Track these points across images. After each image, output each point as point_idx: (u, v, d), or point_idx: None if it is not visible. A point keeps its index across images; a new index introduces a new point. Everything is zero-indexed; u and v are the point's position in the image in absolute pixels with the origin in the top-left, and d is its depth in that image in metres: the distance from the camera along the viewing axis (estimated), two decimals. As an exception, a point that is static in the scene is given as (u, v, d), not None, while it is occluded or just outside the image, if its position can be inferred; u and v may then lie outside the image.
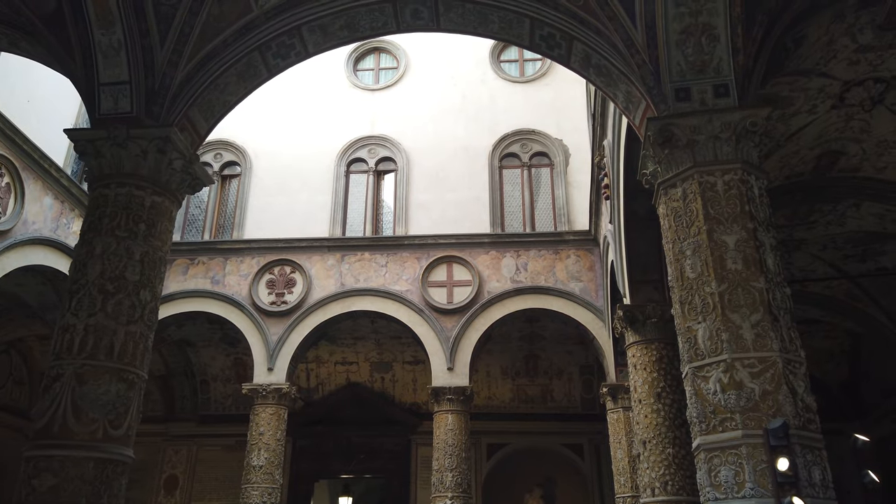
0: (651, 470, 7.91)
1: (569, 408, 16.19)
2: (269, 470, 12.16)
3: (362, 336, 15.31)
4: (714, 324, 4.60)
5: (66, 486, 4.44)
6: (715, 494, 4.27)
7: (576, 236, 13.56)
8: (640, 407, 8.37)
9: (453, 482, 11.85)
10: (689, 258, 4.92)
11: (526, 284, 13.35)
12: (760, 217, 4.94)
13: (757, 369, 4.37)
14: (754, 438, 4.17)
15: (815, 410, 4.38)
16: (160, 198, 5.62)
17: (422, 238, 13.83)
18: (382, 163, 15.02)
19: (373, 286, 13.55)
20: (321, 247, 13.95)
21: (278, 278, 13.75)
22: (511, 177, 14.75)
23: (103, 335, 4.92)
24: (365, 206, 14.69)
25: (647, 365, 8.45)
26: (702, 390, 4.53)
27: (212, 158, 15.19)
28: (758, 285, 4.63)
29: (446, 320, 13.25)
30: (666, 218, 5.28)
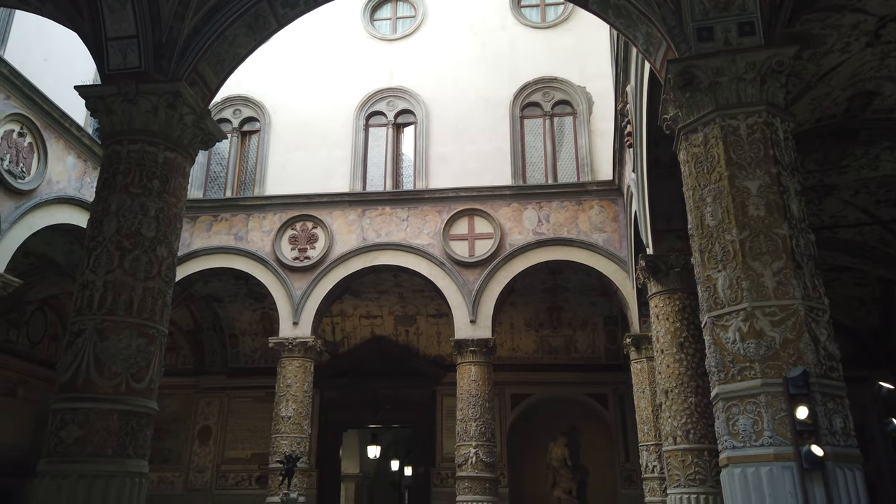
0: (673, 419, 7.91)
1: (593, 358, 16.23)
2: (298, 420, 12.46)
3: (385, 290, 15.40)
4: (734, 272, 4.49)
5: (91, 438, 4.59)
6: (732, 443, 4.23)
7: (599, 186, 13.32)
8: (662, 357, 8.33)
9: (477, 431, 12.03)
10: (709, 205, 4.77)
11: (548, 236, 13.22)
12: (785, 161, 4.74)
13: (778, 318, 4.26)
14: (774, 387, 4.10)
15: (838, 358, 4.28)
16: (173, 154, 5.59)
17: (442, 191, 13.73)
18: (401, 115, 14.82)
19: (394, 240, 13.55)
20: (342, 202, 13.94)
21: (300, 234, 13.82)
22: (533, 127, 14.47)
23: (122, 291, 4.99)
24: (385, 159, 14.58)
25: (669, 315, 8.36)
26: (721, 339, 4.44)
27: (231, 115, 15.15)
28: (781, 232, 4.48)
29: (468, 273, 13.24)
30: (686, 164, 5.11)
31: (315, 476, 15.77)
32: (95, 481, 4.50)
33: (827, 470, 3.83)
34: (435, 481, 15.77)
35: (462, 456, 12.01)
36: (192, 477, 15.97)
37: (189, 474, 15.99)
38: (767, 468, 3.98)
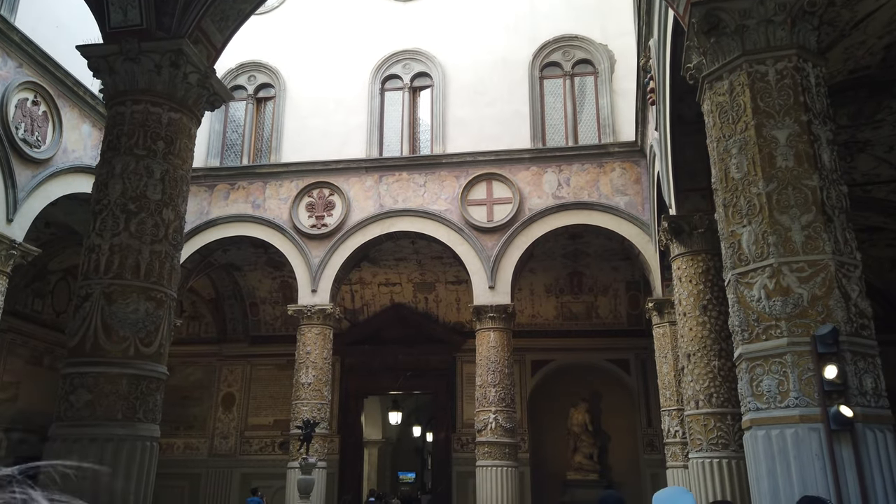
0: (695, 382, 7.72)
1: (615, 324, 16.03)
2: (318, 387, 12.51)
3: (404, 257, 15.30)
4: (760, 227, 4.25)
5: (101, 402, 4.56)
6: (756, 404, 4.05)
7: (621, 148, 12.97)
8: (684, 320, 8.11)
9: (496, 397, 11.97)
10: (734, 157, 4.51)
11: (568, 200, 12.95)
12: (816, 109, 4.45)
13: (806, 273, 4.03)
14: (801, 346, 3.89)
15: (870, 316, 4.05)
16: (177, 114, 5.46)
17: (460, 156, 13.49)
18: (418, 78, 14.52)
19: (411, 206, 13.38)
20: (358, 168, 13.78)
21: (317, 201, 13.71)
22: (552, 87, 14.08)
23: (128, 254, 4.92)
24: (401, 124, 14.33)
25: (692, 277, 8.12)
26: (745, 297, 4.23)
27: (245, 81, 14.98)
28: (810, 183, 4.21)
29: (487, 239, 13.05)
30: (710, 114, 4.84)
31: (337, 442, 15.94)
32: (106, 445, 4.48)
33: (856, 431, 3.64)
34: (455, 447, 15.85)
35: (482, 421, 11.99)
36: (217, 443, 16.23)
37: (214, 440, 16.26)
38: (793, 430, 3.79)
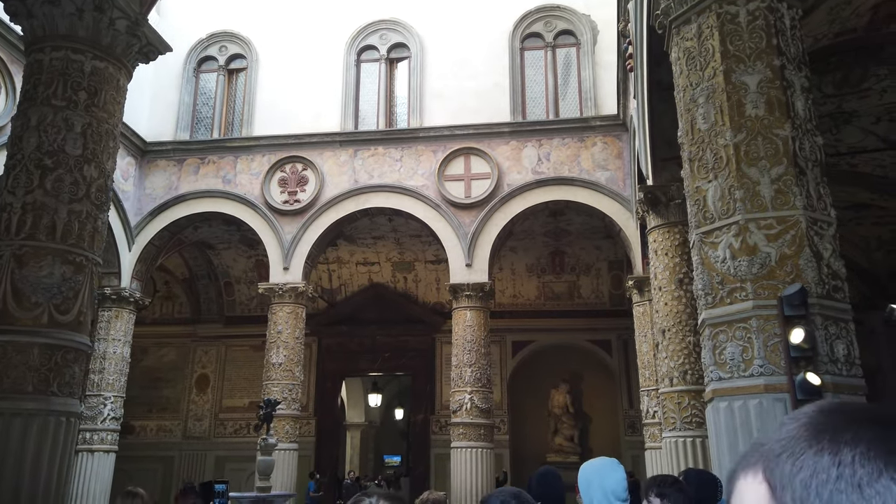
0: (670, 359, 7.40)
1: (597, 304, 15.72)
2: (289, 367, 12.15)
3: (381, 235, 14.90)
4: (727, 181, 3.87)
5: (8, 373, 4.16)
6: (719, 374, 3.69)
7: (603, 121, 12.56)
8: (660, 294, 7.77)
9: (472, 377, 11.65)
10: (701, 106, 4.13)
11: (548, 175, 12.55)
12: (791, 53, 4.07)
13: (775, 231, 3.66)
14: (767, 309, 3.54)
15: (844, 277, 3.70)
16: (103, 63, 5.01)
17: (437, 129, 13.05)
18: (395, 49, 14.03)
19: (387, 182, 12.96)
20: (333, 142, 13.33)
21: (290, 176, 13.27)
22: (533, 59, 13.63)
23: (43, 214, 4.50)
24: (377, 97, 13.86)
25: (668, 249, 7.77)
26: (709, 258, 3.86)
27: (216, 52, 14.46)
28: (782, 133, 3.84)
29: (464, 215, 12.66)
30: (678, 62, 4.45)
31: (314, 424, 15.62)
32: (13, 420, 4.10)
33: (826, 402, 3.28)
34: (434, 429, 15.56)
35: (457, 402, 11.67)
36: (191, 425, 15.88)
37: (188, 422, 15.90)
38: (756, 401, 3.45)
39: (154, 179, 13.62)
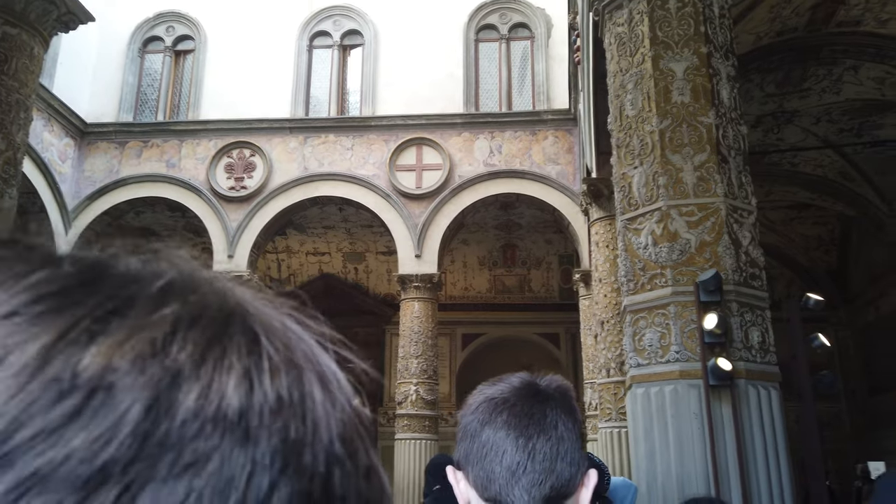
0: (607, 350, 7.44)
1: (547, 298, 15.81)
2: (232, 357, 11.86)
3: (332, 225, 14.67)
4: (651, 167, 3.86)
5: None
6: (638, 360, 3.67)
7: (554, 115, 12.59)
8: (600, 286, 7.81)
9: (418, 368, 11.56)
10: (629, 92, 4.10)
11: (500, 168, 12.53)
12: (718, 41, 4.06)
13: (696, 217, 3.66)
14: (684, 296, 3.53)
15: (762, 266, 3.71)
16: (15, 30, 4.73)
17: (390, 119, 12.89)
18: (348, 36, 13.81)
19: (338, 170, 12.75)
20: (282, 128, 13.04)
21: (237, 162, 12.94)
22: (488, 51, 13.58)
23: (-59, 186, 4.23)
24: (329, 84, 13.62)
25: (609, 241, 7.80)
26: (632, 245, 3.84)
27: (163, 32, 14.01)
28: (706, 120, 3.83)
29: (415, 206, 12.55)
30: (609, 48, 4.42)
31: (259, 415, 15.35)
32: None
33: (738, 388, 3.29)
34: (382, 421, 15.42)
35: (402, 393, 11.57)
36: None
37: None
38: (672, 387, 3.43)
39: (94, 162, 13.13)
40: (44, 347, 0.21)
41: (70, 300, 0.23)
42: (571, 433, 0.87)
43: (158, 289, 0.25)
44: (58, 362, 0.21)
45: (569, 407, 0.90)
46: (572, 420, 0.88)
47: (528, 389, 0.91)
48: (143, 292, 0.24)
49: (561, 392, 0.92)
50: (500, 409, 0.89)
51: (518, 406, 0.88)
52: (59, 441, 0.20)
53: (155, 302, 0.24)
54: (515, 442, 0.84)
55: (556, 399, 0.89)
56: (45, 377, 0.21)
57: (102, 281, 0.24)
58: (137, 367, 0.22)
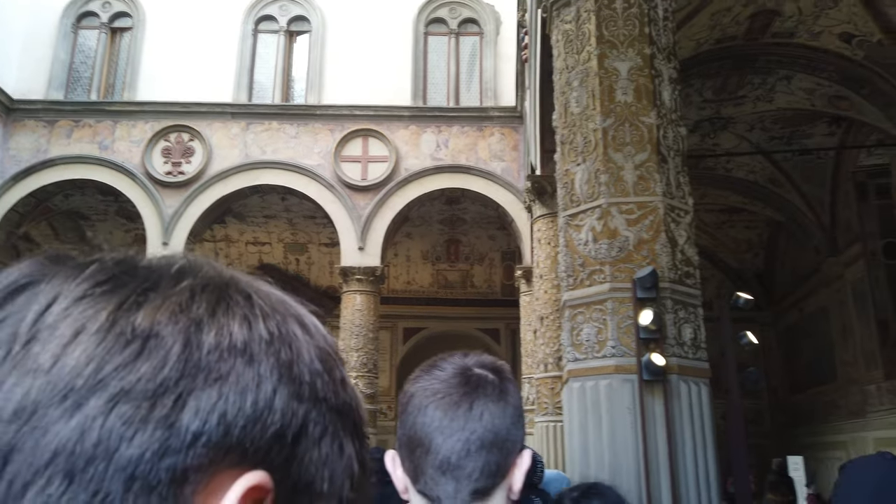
0: (546, 346, 7.53)
1: (489, 293, 15.93)
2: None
3: (273, 214, 14.36)
4: (594, 165, 3.90)
5: None
6: (575, 355, 3.72)
7: (501, 112, 12.67)
8: (540, 283, 7.90)
9: (358, 362, 11.45)
10: (575, 90, 4.14)
11: (446, 162, 12.52)
12: (662, 43, 4.14)
13: (635, 216, 3.72)
14: (622, 292, 3.59)
15: (696, 265, 3.81)
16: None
17: (336, 108, 12.70)
18: (295, 22, 13.52)
19: (281, 159, 12.48)
20: (224, 113, 12.67)
21: (175, 146, 12.50)
22: (437, 45, 13.53)
23: None
24: (275, 70, 13.31)
25: (551, 239, 7.90)
26: (573, 241, 3.88)
27: (99, 7, 13.39)
28: (648, 121, 3.90)
29: (359, 198, 12.41)
30: (557, 44, 4.45)
31: (192, 408, 14.92)
32: None
33: (670, 383, 3.37)
34: (320, 415, 15.24)
35: (341, 387, 11.44)
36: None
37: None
38: (607, 381, 3.49)
39: (20, 140, 12.45)
40: (109, 314, 0.32)
41: (118, 283, 0.34)
42: (502, 419, 0.85)
43: (175, 271, 0.36)
44: (121, 323, 0.32)
45: (501, 390, 0.87)
46: (503, 405, 0.86)
47: (459, 378, 0.88)
48: (166, 273, 0.35)
49: (496, 372, 0.89)
50: (428, 401, 0.86)
51: (447, 398, 0.85)
52: (132, 370, 0.31)
53: (175, 279, 0.35)
54: (442, 434, 0.82)
55: (489, 384, 0.87)
56: (114, 332, 0.32)
57: (136, 270, 0.35)
58: (173, 320, 0.33)
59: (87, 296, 0.33)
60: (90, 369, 0.30)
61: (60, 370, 0.30)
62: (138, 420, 0.30)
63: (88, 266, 0.35)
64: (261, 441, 0.32)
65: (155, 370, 0.31)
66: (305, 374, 0.35)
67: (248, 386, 0.33)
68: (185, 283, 0.35)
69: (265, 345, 0.34)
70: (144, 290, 0.34)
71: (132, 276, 0.34)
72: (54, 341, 0.31)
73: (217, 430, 0.31)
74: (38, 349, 0.31)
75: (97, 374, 0.30)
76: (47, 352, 0.31)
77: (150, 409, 0.30)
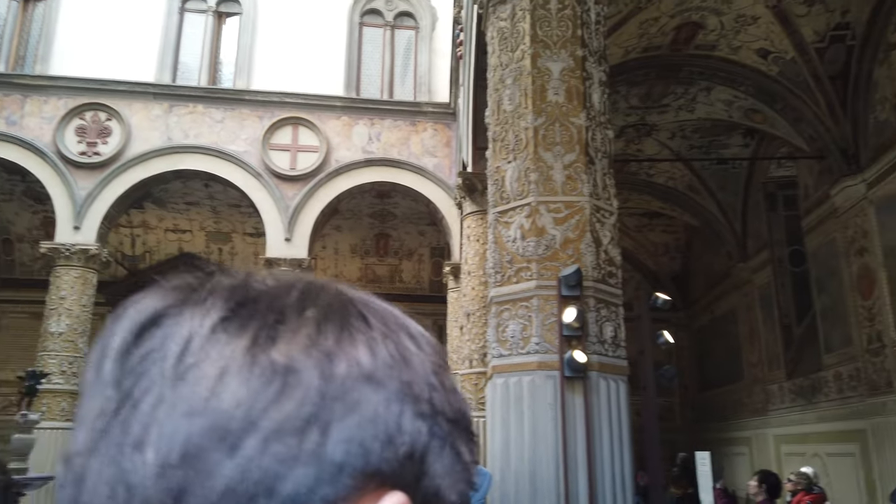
0: (471, 342, 7.59)
1: (417, 289, 15.92)
2: (72, 337, 10.86)
3: (196, 201, 13.85)
4: (524, 163, 3.94)
5: None
6: (500, 350, 3.75)
7: (435, 108, 12.65)
8: (468, 279, 7.95)
9: (281, 356, 11.18)
10: (508, 87, 4.17)
11: (378, 156, 12.40)
12: (593, 46, 4.23)
13: (562, 215, 3.79)
14: (547, 290, 3.64)
15: (619, 265, 3.92)
16: None
17: (266, 94, 12.34)
18: (225, 3, 13.06)
19: (205, 143, 12.03)
20: (145, 93, 12.09)
21: (91, 125, 11.83)
22: (372, 36, 13.38)
23: None
24: (202, 51, 12.81)
25: (479, 236, 7.96)
26: (502, 238, 3.91)
27: (9, -28, 12.48)
28: (577, 122, 3.98)
29: (288, 188, 12.12)
30: (492, 41, 4.47)
31: (102, 402, 14.20)
32: None
33: (590, 380, 3.45)
34: (239, 409, 14.82)
35: (263, 381, 11.15)
36: (-53, 400, 13.69)
37: (-57, 397, 13.69)
38: (530, 377, 3.54)
39: (-86, 111, 11.48)
40: (247, 351, 0.33)
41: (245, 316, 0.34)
42: None
43: (296, 299, 0.36)
44: (260, 360, 0.32)
45: None
46: None
47: None
48: (288, 303, 0.36)
49: None
50: None
51: None
52: (279, 408, 0.31)
53: (298, 308, 0.35)
54: None
55: None
56: (256, 372, 0.32)
57: (256, 299, 0.36)
58: (306, 354, 0.33)
59: (218, 331, 0.33)
60: (241, 411, 0.31)
61: (214, 413, 0.31)
62: (290, 457, 0.31)
63: (208, 296, 0.35)
64: (394, 463, 0.33)
65: (298, 406, 0.32)
66: (424, 390, 0.36)
67: (379, 411, 0.33)
68: (309, 314, 0.35)
69: (388, 368, 0.35)
70: (274, 324, 0.34)
71: (255, 306, 0.35)
72: (203, 383, 0.32)
73: (358, 457, 0.32)
74: (189, 392, 0.31)
75: (248, 416, 0.31)
76: (198, 395, 0.31)
77: (300, 445, 0.31)
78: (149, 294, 0.37)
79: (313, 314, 0.35)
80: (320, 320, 0.35)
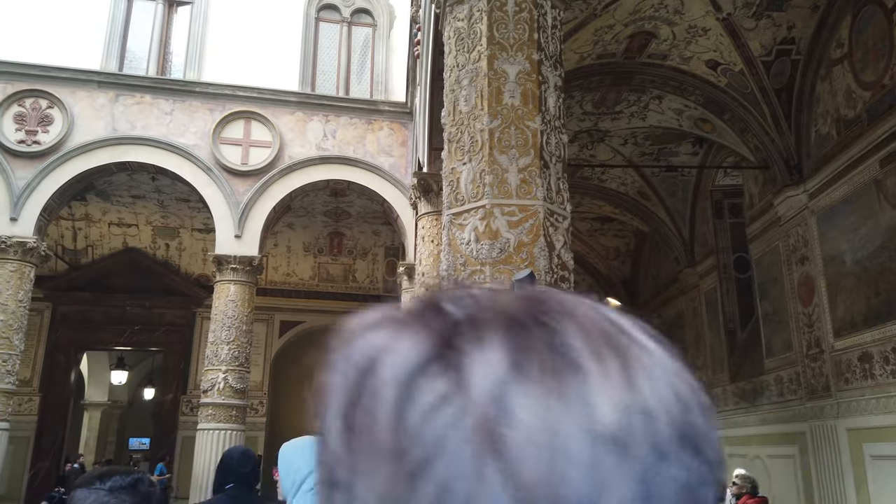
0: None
1: (371, 289, 15.80)
2: (7, 334, 10.38)
3: (142, 195, 13.42)
4: (480, 165, 3.92)
5: None
6: (451, 354, 3.71)
7: (391, 107, 12.57)
8: (422, 279, 7.90)
9: (229, 355, 10.94)
10: (464, 88, 4.14)
11: (333, 153, 12.25)
12: (549, 50, 4.24)
13: (516, 218, 3.78)
14: (500, 293, 3.62)
15: (571, 269, 3.93)
16: None
17: (218, 87, 12.05)
18: (176, -9, 12.69)
19: (152, 135, 11.67)
20: (89, 81, 11.64)
21: (30, 112, 11.34)
22: (328, 32, 13.21)
23: None
24: (150, 40, 12.44)
25: (434, 237, 7.93)
26: (456, 240, 3.88)
27: (-57, -51, 11.85)
28: (532, 125, 3.98)
29: (239, 183, 11.86)
30: (449, 41, 4.43)
31: (37, 401, 13.63)
32: None
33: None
34: (185, 409, 14.44)
35: (209, 381, 10.88)
36: None
37: None
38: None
39: None
40: (569, 415, 0.28)
41: (528, 350, 0.30)
42: None
43: (573, 331, 0.31)
44: (593, 431, 0.29)
45: None
46: None
47: None
48: (560, 332, 0.31)
49: None
50: None
51: None
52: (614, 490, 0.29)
53: (589, 349, 0.31)
54: None
55: None
56: (595, 445, 0.29)
57: (531, 332, 0.31)
58: (626, 414, 0.30)
59: (520, 381, 0.28)
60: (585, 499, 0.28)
61: None
62: None
63: (477, 329, 0.30)
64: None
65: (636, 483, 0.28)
66: (696, 412, 0.33)
67: (691, 480, 0.31)
68: (597, 351, 0.30)
69: (665, 404, 0.32)
70: (573, 371, 0.29)
71: (530, 337, 0.30)
72: (529, 463, 0.27)
73: None
74: (513, 471, 0.27)
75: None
76: (528, 480, 0.27)
77: None
78: (385, 323, 0.33)
79: (598, 350, 0.30)
80: (593, 356, 0.30)
